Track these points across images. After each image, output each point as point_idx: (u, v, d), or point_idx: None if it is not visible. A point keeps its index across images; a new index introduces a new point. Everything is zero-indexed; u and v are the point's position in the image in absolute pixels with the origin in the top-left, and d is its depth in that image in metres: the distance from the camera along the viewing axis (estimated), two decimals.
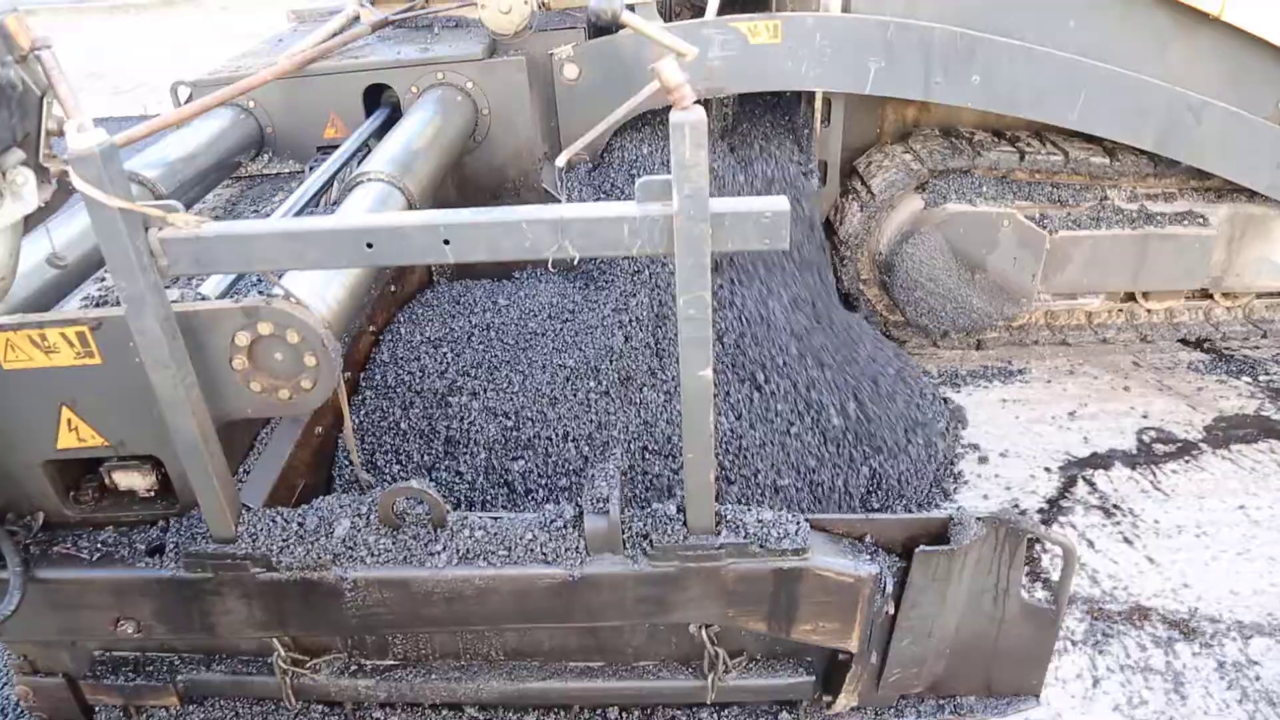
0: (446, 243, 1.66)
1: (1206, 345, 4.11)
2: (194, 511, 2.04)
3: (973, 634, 2.23)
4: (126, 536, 2.07)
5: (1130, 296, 4.05)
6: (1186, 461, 3.41)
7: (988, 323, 3.79)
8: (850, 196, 3.93)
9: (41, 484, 2.04)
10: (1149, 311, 4.07)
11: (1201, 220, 3.61)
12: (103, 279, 2.55)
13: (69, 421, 1.95)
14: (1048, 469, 3.39)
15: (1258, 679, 2.55)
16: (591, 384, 2.75)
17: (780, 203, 1.64)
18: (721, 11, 3.38)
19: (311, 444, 2.47)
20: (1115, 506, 3.19)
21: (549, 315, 3.01)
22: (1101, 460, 3.43)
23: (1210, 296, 4.04)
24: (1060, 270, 3.64)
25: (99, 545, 2.05)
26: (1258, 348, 4.09)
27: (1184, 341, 4.13)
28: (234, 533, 1.96)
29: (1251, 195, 3.64)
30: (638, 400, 2.81)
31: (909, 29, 3.25)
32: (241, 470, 2.21)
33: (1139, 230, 3.58)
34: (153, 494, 2.10)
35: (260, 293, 2.25)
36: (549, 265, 2.95)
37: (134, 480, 2.08)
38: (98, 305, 2.33)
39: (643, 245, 1.67)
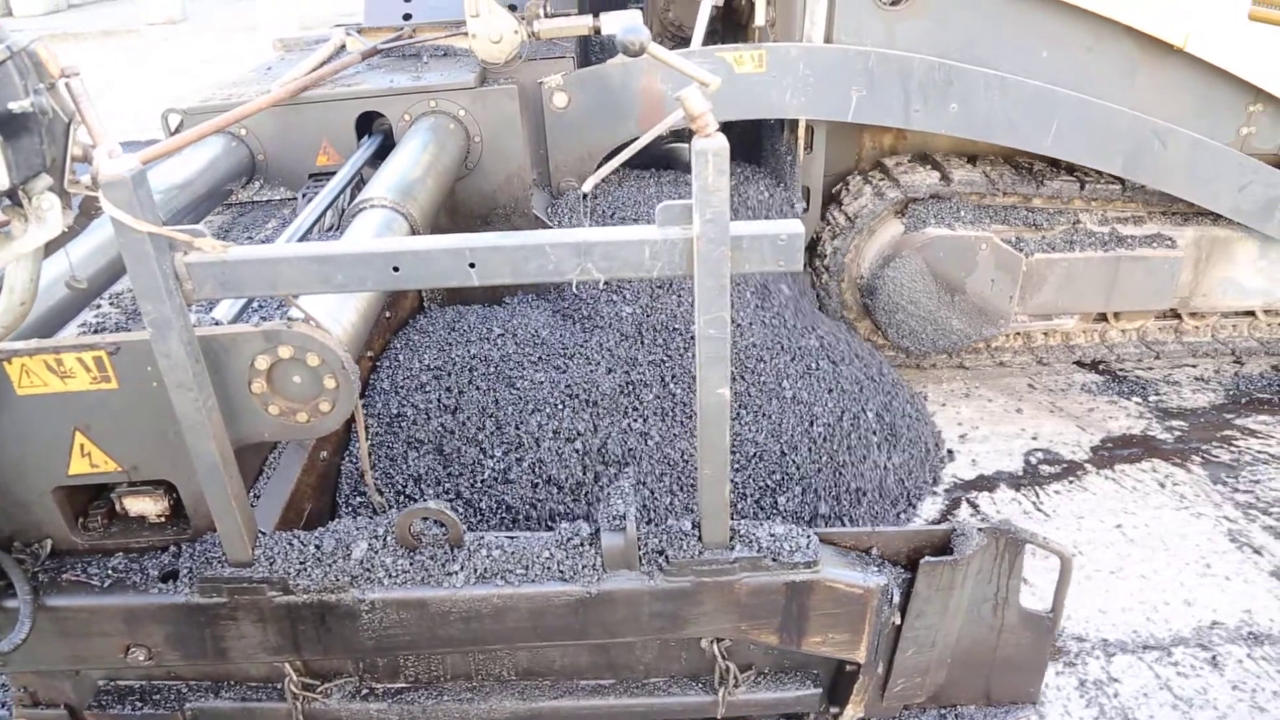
0: (472, 265, 1.70)
1: (1101, 367, 4.20)
2: (207, 536, 2.04)
3: (973, 643, 2.29)
4: (137, 563, 2.06)
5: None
6: (1070, 482, 3.45)
7: (967, 344, 3.90)
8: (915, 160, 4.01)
9: (50, 511, 2.02)
10: (1045, 335, 4.18)
11: (1170, 243, 3.75)
12: (99, 305, 2.55)
13: (82, 447, 1.94)
14: (933, 492, 3.42)
15: (1116, 696, 2.58)
16: (612, 470, 2.75)
17: (795, 225, 1.70)
18: (705, 43, 3.46)
19: (317, 468, 2.47)
20: None
21: (541, 355, 2.99)
22: (987, 482, 3.46)
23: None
24: (1036, 292, 3.76)
25: (109, 572, 2.03)
26: (1150, 369, 4.19)
27: (1079, 363, 4.21)
28: (251, 556, 1.96)
29: (1216, 218, 3.79)
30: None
31: (889, 59, 3.36)
32: (251, 495, 2.21)
33: (1110, 253, 3.71)
34: (163, 519, 2.10)
35: (263, 318, 2.26)
36: (574, 286, 2.97)
37: (145, 505, 2.08)
38: (96, 332, 2.33)
39: (663, 268, 1.72)
